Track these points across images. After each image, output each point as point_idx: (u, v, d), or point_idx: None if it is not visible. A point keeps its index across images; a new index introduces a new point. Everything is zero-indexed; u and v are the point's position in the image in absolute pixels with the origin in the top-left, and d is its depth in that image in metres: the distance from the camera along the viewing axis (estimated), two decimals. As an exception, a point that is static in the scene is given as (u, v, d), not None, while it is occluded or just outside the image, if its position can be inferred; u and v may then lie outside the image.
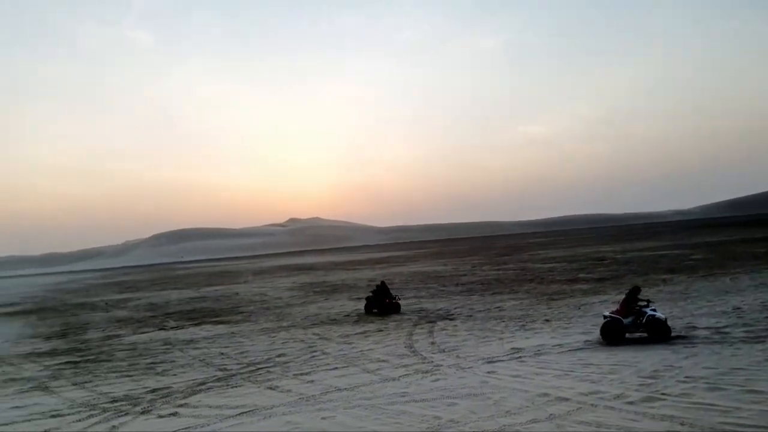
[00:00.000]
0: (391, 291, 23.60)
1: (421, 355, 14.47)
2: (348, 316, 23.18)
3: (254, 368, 14.43)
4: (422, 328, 18.47)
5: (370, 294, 23.80)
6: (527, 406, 9.50)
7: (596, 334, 15.20)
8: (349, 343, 16.79)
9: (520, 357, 13.33)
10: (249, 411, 10.55)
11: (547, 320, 18.41)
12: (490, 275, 39.28)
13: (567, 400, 9.64)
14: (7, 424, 10.90)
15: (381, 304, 22.78)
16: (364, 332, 18.64)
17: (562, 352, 13.54)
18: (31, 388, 14.15)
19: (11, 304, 47.45)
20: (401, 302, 23.61)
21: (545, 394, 10.07)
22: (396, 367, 13.21)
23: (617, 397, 9.60)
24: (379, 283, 24.24)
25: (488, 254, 75.79)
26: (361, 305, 24.99)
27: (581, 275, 33.62)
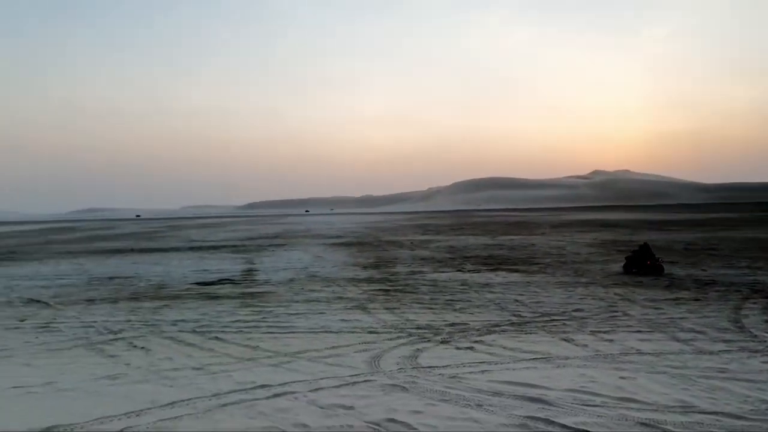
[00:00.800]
0: (656, 254, 23.38)
1: (750, 332, 12.19)
2: (657, 279, 20.96)
3: (548, 319, 14.16)
4: (755, 303, 15.56)
5: (630, 254, 23.67)
6: None
7: None
8: (657, 308, 15.15)
9: None
10: (543, 358, 10.40)
11: None
12: None
13: None
14: (337, 332, 12.99)
15: (641, 264, 22.69)
16: (676, 299, 16.61)
17: None
18: (353, 306, 16.52)
19: (337, 237, 56.20)
20: (664, 264, 22.95)
21: None
22: (714, 341, 11.41)
23: None
24: (642, 243, 24.10)
25: None
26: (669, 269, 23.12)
27: None
